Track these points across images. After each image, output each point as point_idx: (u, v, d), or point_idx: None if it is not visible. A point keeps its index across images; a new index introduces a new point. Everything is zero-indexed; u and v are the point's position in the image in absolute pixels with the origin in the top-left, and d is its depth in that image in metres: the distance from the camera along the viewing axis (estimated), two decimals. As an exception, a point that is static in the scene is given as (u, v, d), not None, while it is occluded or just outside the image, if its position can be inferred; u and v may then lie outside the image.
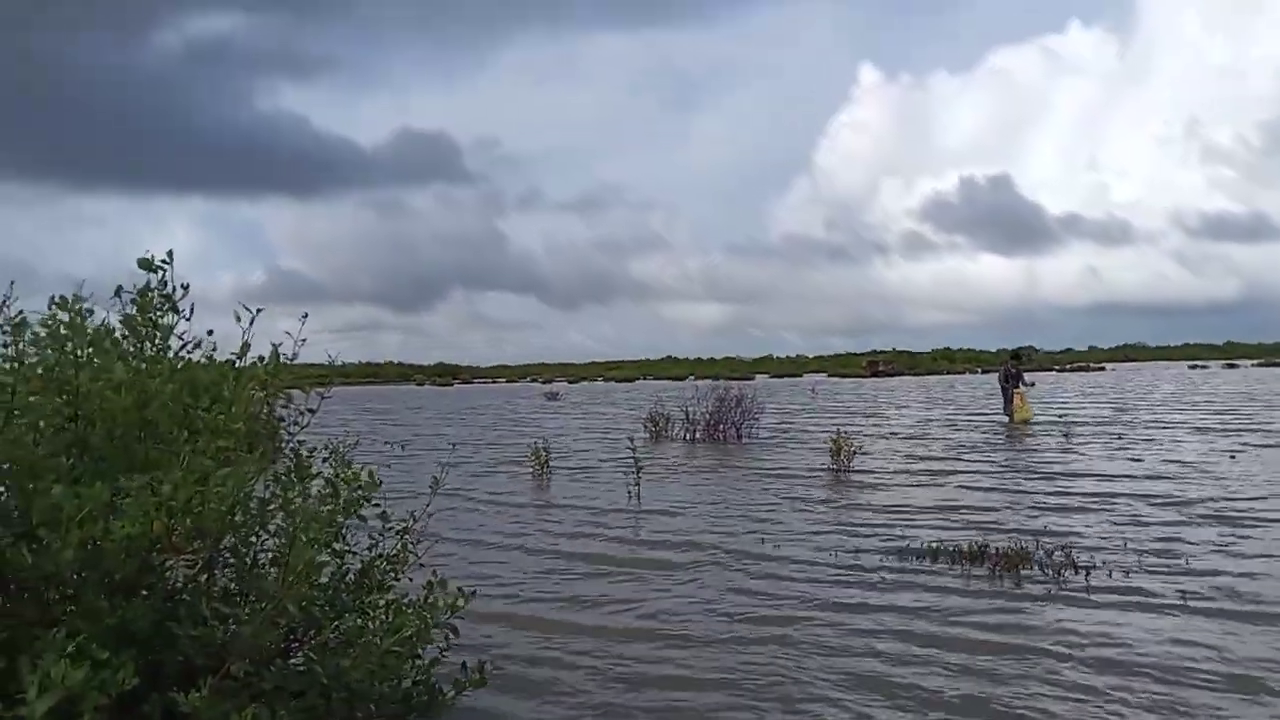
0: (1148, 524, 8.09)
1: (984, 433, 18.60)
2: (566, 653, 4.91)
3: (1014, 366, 21.54)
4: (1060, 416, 19.22)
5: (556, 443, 16.40)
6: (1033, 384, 21.79)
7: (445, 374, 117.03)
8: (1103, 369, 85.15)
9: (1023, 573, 6.37)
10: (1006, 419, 20.76)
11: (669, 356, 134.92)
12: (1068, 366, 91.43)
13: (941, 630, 5.15)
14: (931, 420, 22.92)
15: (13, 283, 3.02)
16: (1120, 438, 16.44)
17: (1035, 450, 14.76)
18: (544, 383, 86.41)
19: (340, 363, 4.11)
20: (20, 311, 2.96)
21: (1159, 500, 9.30)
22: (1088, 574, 6.28)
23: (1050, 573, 6.33)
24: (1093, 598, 5.75)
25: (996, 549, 6.80)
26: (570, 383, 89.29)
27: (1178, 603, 5.58)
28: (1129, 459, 13.09)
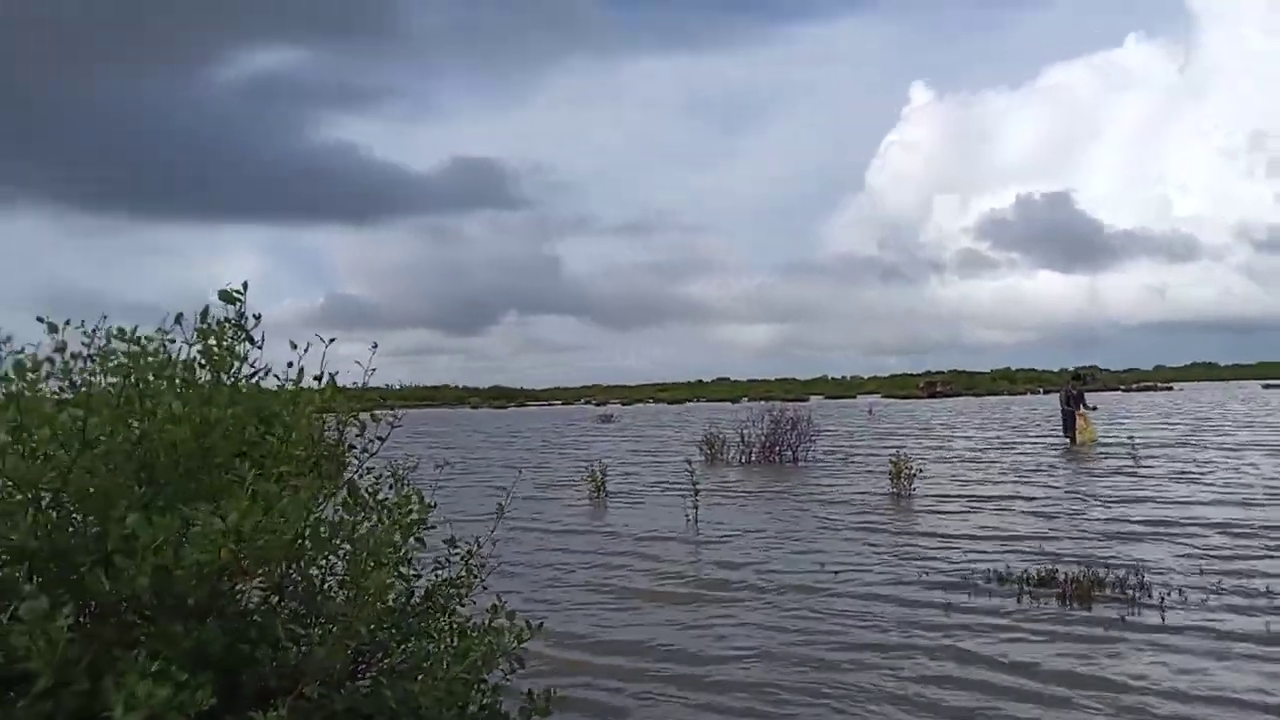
0: (1222, 553, 7.79)
1: (1047, 456, 18.15)
2: (629, 687, 4.87)
3: (1075, 388, 21.08)
4: (1129, 438, 18.61)
5: (612, 465, 16.42)
6: (1094, 408, 21.19)
7: (501, 397, 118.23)
8: (1170, 388, 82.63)
9: (1094, 601, 6.17)
10: (1068, 441, 20.27)
11: (722, 378, 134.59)
12: (1133, 386, 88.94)
13: (1011, 678, 5.00)
14: (991, 442, 22.45)
15: (104, 316, 3.12)
16: (1190, 461, 15.91)
17: (1101, 474, 14.35)
18: (597, 404, 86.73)
19: (399, 385, 4.16)
20: (108, 340, 3.06)
21: (1234, 528, 8.96)
22: (1163, 603, 6.07)
23: (1123, 602, 6.12)
24: (1169, 630, 5.54)
25: (1066, 575, 6.61)
26: (624, 404, 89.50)
27: (1261, 634, 5.35)
28: (1199, 483, 12.65)
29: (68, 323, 3.05)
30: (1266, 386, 74.50)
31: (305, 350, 3.42)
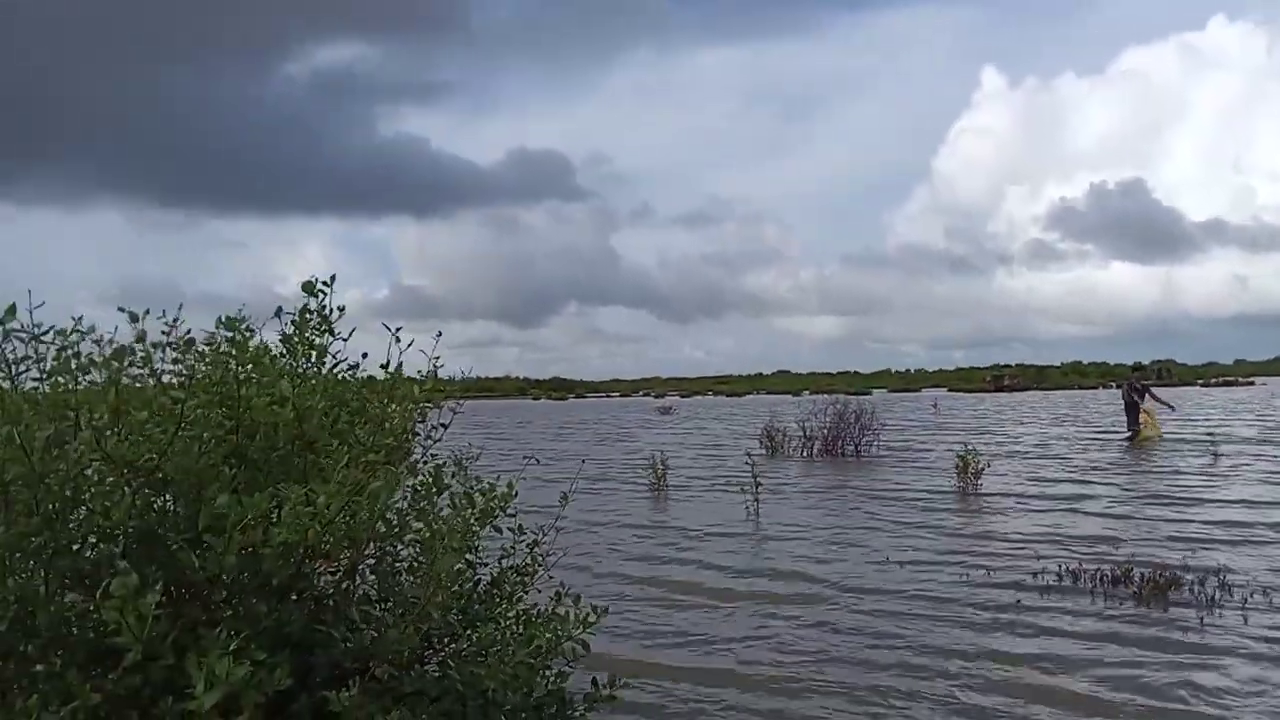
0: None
1: (1118, 452, 17.63)
2: (689, 692, 4.86)
3: (1138, 380, 20.69)
4: (1209, 434, 18.02)
5: (672, 458, 16.43)
6: (1169, 405, 20.55)
7: (560, 388, 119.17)
8: (1251, 383, 79.46)
9: (1171, 604, 5.98)
10: (1131, 435, 19.74)
11: (783, 370, 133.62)
12: (1212, 381, 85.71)
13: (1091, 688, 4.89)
14: (1061, 438, 21.89)
15: (180, 306, 3.23)
16: (1274, 459, 15.30)
17: (1179, 472, 13.88)
18: (656, 396, 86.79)
19: (461, 376, 4.23)
20: (189, 330, 3.17)
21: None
22: (1245, 605, 5.86)
23: (1201, 605, 5.93)
24: (1249, 637, 5.35)
25: (1141, 575, 6.43)
26: (683, 396, 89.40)
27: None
28: (1271, 486, 12.16)
29: (147, 312, 3.17)
30: (1356, 383, 71.21)
31: (399, 342, 3.48)
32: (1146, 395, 20.26)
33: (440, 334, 3.60)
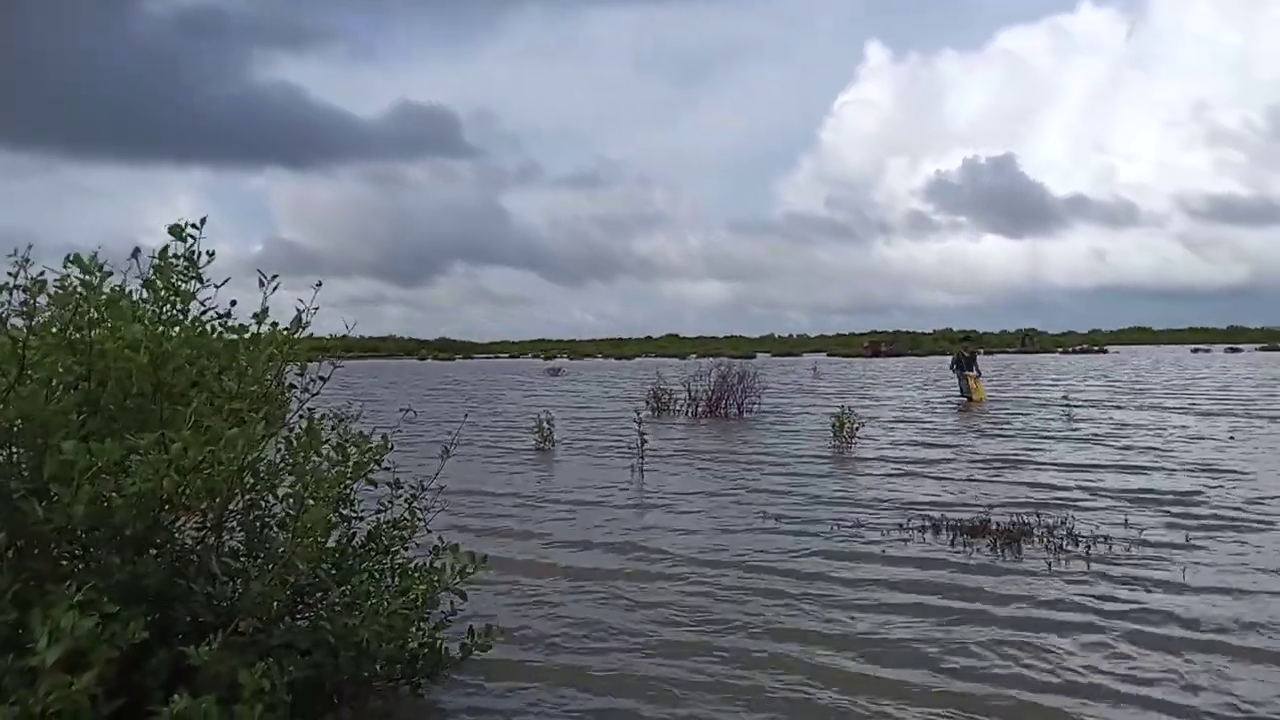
0: (1140, 507, 8.11)
1: (977, 415, 18.60)
2: (557, 624, 4.93)
3: (967, 350, 22.78)
4: (1064, 398, 19.33)
5: (560, 417, 16.43)
6: (980, 373, 22.45)
7: (448, 349, 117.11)
8: (1105, 351, 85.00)
9: (1023, 551, 6.39)
10: (965, 400, 21.50)
11: (672, 334, 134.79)
12: (1072, 349, 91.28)
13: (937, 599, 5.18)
14: (927, 402, 22.92)
15: (30, 246, 3.01)
16: (1118, 421, 16.45)
17: (1037, 433, 14.76)
18: (546, 358, 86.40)
19: (344, 334, 4.09)
20: (42, 271, 2.96)
21: (1154, 489, 9.32)
22: (1088, 553, 6.30)
23: (1052, 550, 6.36)
24: (1092, 574, 5.77)
25: (997, 525, 6.84)
26: (572, 359, 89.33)
27: (1178, 580, 5.60)
28: (1123, 441, 13.10)
29: (-7, 253, 2.94)
30: (1195, 351, 77.29)
31: (269, 287, 3.32)
32: (974, 364, 22.21)
33: (320, 284, 3.47)
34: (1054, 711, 3.72)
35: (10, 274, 2.99)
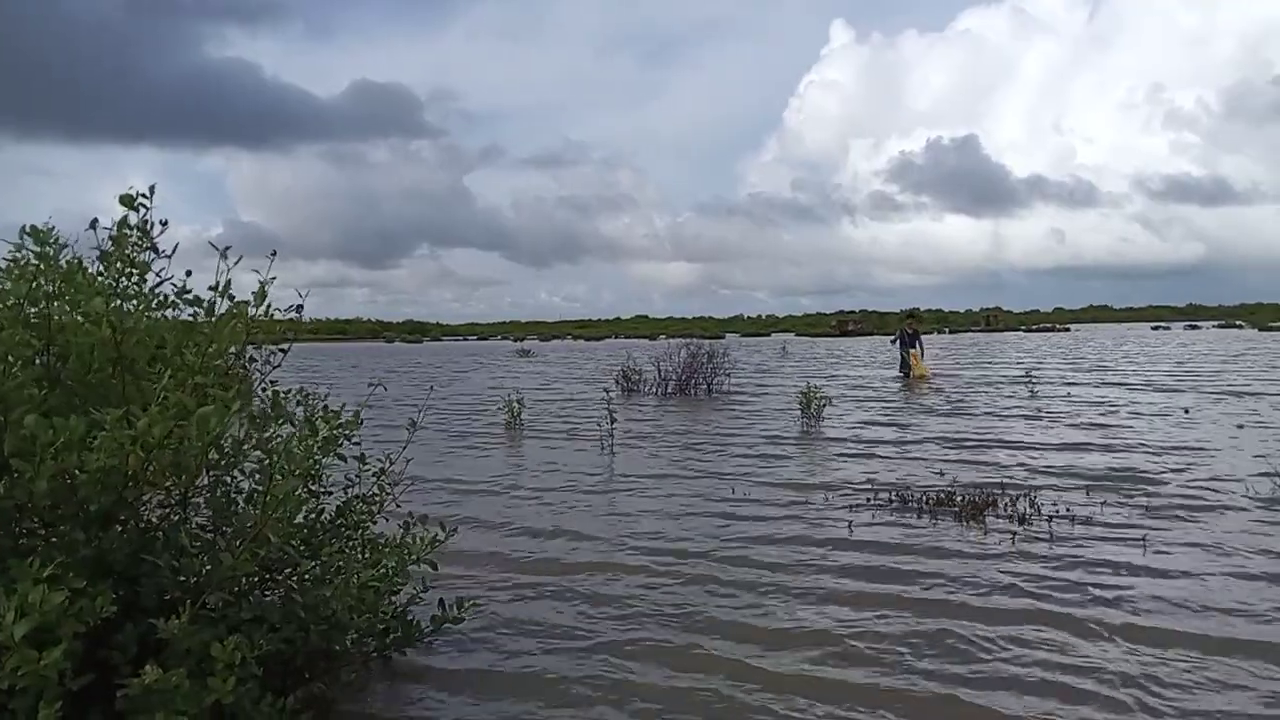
0: (1109, 476, 8.28)
1: (943, 391, 18.85)
2: (538, 595, 4.96)
3: (911, 327, 22.88)
4: (1027, 374, 19.65)
5: (529, 398, 16.40)
6: (921, 351, 22.83)
7: (415, 331, 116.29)
8: (1067, 329, 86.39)
9: (987, 522, 6.51)
10: (905, 374, 22.00)
11: (640, 315, 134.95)
12: (1033, 327, 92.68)
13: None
14: (894, 379, 23.18)
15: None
16: (1077, 398, 16.75)
17: (1000, 409, 14.99)
18: (515, 340, 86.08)
19: (308, 319, 4.03)
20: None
21: (1115, 459, 9.51)
22: (1050, 523, 6.43)
23: (1014, 519, 6.48)
24: (1053, 540, 5.89)
25: (963, 497, 6.96)
26: (542, 340, 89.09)
27: (1136, 541, 5.74)
28: (1079, 421, 13.35)
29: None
30: (1155, 328, 78.76)
31: (235, 263, 3.26)
32: (917, 341, 22.57)
33: (275, 253, 3.42)
34: (991, 706, 3.79)
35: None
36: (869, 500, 7.29)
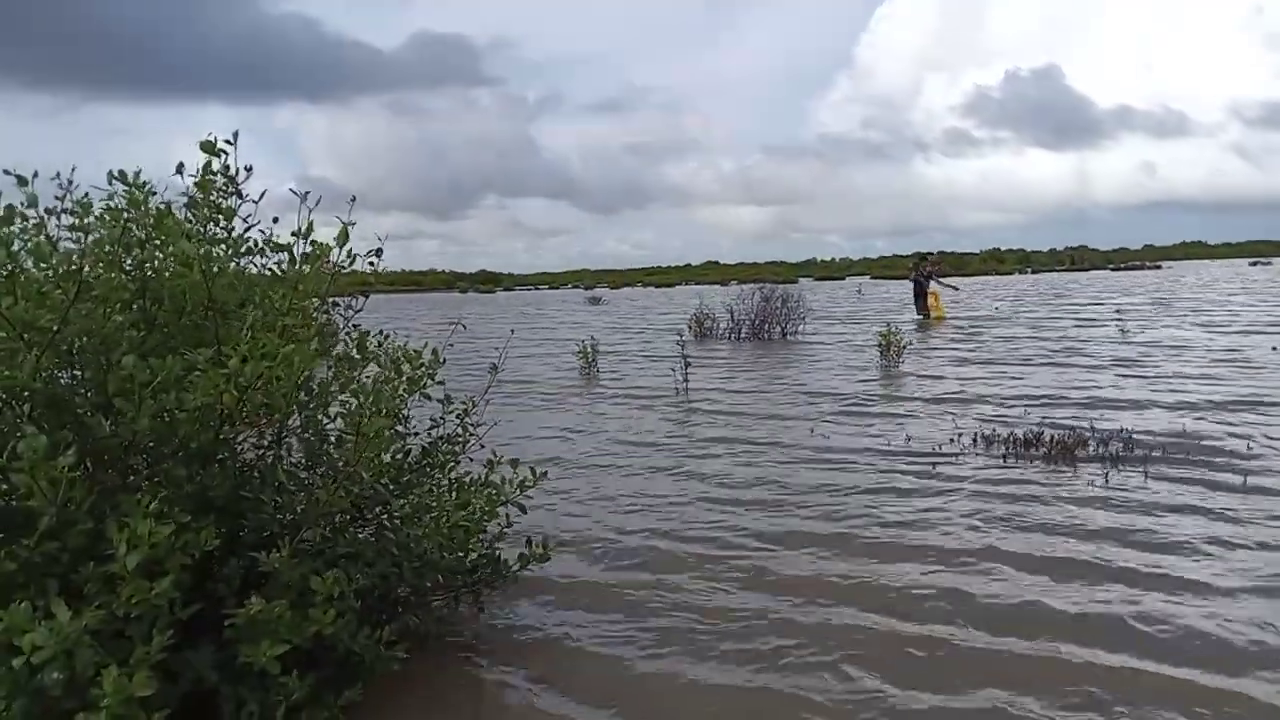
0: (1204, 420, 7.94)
1: (1032, 328, 18.27)
2: (614, 529, 5.00)
3: (925, 269, 22.70)
4: (1117, 312, 18.93)
5: (603, 342, 16.46)
6: (956, 288, 22.06)
7: (488, 281, 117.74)
8: (1158, 267, 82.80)
9: (1078, 461, 6.31)
10: (922, 318, 21.54)
11: (710, 261, 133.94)
12: (1121, 265, 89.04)
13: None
14: (978, 320, 22.57)
15: (74, 168, 3.01)
16: (1178, 340, 16.06)
17: (1093, 343, 14.47)
18: (586, 288, 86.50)
19: (385, 268, 4.03)
20: (86, 193, 2.97)
21: (1213, 402, 9.11)
22: (1144, 462, 6.20)
23: (1106, 460, 6.27)
24: (1148, 488, 5.68)
25: (1052, 437, 6.76)
26: (612, 288, 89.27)
27: (1234, 482, 5.50)
28: (1165, 367, 12.79)
29: (36, 175, 2.94)
30: (1253, 264, 74.87)
31: (315, 205, 3.26)
32: (933, 280, 22.21)
33: (354, 199, 3.42)
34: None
35: (57, 198, 3.00)
36: (952, 442, 7.13)
